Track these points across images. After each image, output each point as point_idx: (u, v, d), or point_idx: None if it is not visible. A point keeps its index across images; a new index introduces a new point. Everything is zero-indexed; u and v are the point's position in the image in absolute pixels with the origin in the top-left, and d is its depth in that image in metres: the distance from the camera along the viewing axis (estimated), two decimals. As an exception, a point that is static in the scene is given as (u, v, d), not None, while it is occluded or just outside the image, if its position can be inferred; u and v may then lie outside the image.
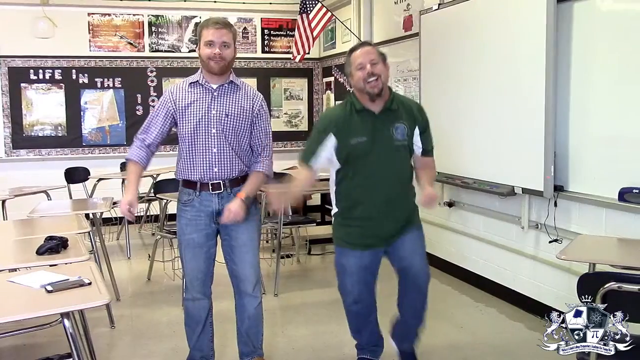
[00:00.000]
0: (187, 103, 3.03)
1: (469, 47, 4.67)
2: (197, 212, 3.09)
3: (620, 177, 3.38)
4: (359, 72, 2.92)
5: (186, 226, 3.11)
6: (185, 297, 3.23)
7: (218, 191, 3.06)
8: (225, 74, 3.05)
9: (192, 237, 3.10)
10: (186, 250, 3.14)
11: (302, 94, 8.53)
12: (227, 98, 3.06)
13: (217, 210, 3.06)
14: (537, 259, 4.20)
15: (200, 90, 3.05)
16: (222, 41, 2.97)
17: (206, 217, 3.09)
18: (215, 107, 3.03)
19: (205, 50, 2.98)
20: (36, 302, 2.16)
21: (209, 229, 3.10)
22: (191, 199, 3.10)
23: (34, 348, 3.54)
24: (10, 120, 7.43)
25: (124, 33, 7.77)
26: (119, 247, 6.50)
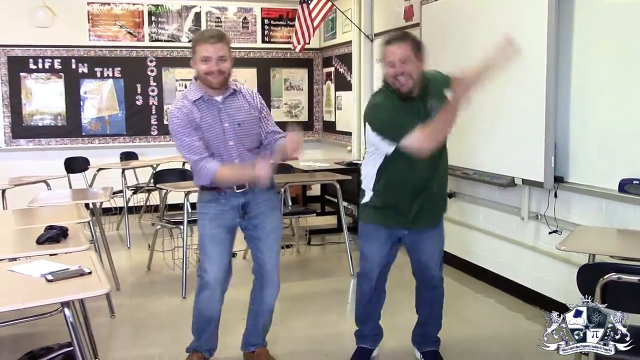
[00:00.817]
0: (199, 122, 2.97)
1: (469, 37, 4.65)
2: (222, 207, 3.07)
3: (620, 168, 3.38)
4: (389, 68, 2.89)
5: (211, 221, 3.09)
6: (203, 295, 3.14)
7: (242, 189, 3.07)
8: (224, 84, 3.02)
9: (217, 232, 3.08)
10: (210, 246, 3.10)
11: (303, 84, 8.51)
12: (234, 108, 3.04)
13: (243, 203, 3.08)
14: (536, 249, 4.20)
15: (206, 106, 3.00)
16: (218, 56, 2.92)
17: (231, 210, 3.08)
18: (226, 119, 3.00)
19: (202, 67, 2.93)
20: (36, 291, 2.16)
21: (233, 223, 3.11)
22: (215, 197, 3.07)
23: (35, 337, 3.55)
24: (10, 110, 7.42)
25: (124, 22, 7.74)
26: (119, 237, 6.51)
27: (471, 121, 4.63)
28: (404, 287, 3.86)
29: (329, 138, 8.33)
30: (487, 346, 3.62)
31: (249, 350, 3.34)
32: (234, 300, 3.30)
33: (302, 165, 6.26)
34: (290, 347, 3.61)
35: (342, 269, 5.16)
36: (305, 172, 5.96)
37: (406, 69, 2.85)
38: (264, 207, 3.15)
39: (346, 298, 4.64)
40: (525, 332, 3.84)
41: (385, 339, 3.43)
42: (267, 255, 3.19)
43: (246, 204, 3.09)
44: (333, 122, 8.12)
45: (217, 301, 3.16)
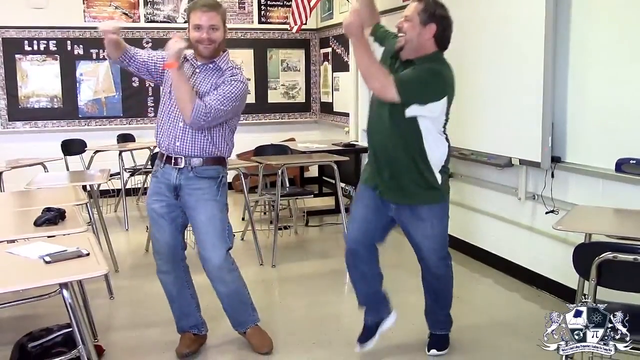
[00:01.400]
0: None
1: (467, 17, 4.62)
2: (159, 183, 3.11)
3: (617, 147, 3.38)
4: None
5: (150, 196, 3.15)
6: (156, 271, 3.26)
7: (178, 166, 3.04)
8: (215, 57, 3.03)
9: (154, 208, 3.12)
10: (150, 221, 3.18)
11: (300, 65, 8.47)
12: (205, 77, 3.04)
13: (176, 185, 3.06)
14: (533, 229, 4.22)
15: (186, 64, 3.05)
16: (210, 24, 2.94)
17: (167, 188, 3.09)
18: (192, 82, 3.01)
19: (194, 34, 2.97)
20: (35, 272, 2.17)
21: (171, 200, 3.09)
22: (157, 170, 3.14)
23: (34, 319, 3.57)
24: (6, 92, 7.39)
25: (119, 3, 7.68)
26: (117, 219, 6.52)
27: (468, 101, 4.62)
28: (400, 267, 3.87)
29: (326, 119, 8.31)
30: (484, 326, 3.65)
31: (239, 330, 3.35)
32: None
33: (300, 147, 6.25)
34: (289, 327, 3.63)
35: (340, 250, 5.16)
36: (303, 154, 5.95)
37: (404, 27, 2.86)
38: (195, 199, 3.06)
39: (344, 279, 4.65)
40: (522, 312, 3.87)
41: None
42: (204, 247, 3.09)
43: (178, 187, 3.05)
44: (330, 103, 8.09)
45: (168, 277, 3.21)
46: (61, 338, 3.00)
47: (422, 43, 2.83)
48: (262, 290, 4.30)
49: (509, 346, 3.36)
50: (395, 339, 3.40)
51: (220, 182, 3.11)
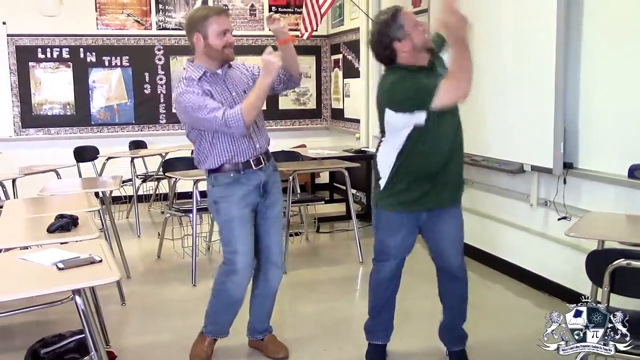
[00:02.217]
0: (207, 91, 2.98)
1: (478, 23, 4.61)
2: (246, 187, 3.06)
3: (630, 153, 3.36)
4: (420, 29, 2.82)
5: (238, 202, 3.05)
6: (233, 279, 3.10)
7: (260, 166, 3.08)
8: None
9: (245, 212, 3.07)
10: (241, 227, 3.06)
11: (310, 71, 8.49)
12: (236, 78, 3.07)
13: (264, 182, 3.10)
14: (545, 236, 4.20)
15: (212, 79, 3.01)
16: (231, 27, 3.01)
17: (254, 190, 3.08)
18: (232, 89, 3.02)
19: (219, 41, 2.94)
20: (48, 279, 2.18)
21: (255, 203, 3.12)
22: (237, 178, 3.05)
23: (46, 325, 3.58)
24: (19, 100, 7.45)
25: (131, 11, 7.74)
26: (129, 225, 6.54)
27: (480, 108, 4.61)
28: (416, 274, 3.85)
29: (337, 125, 8.32)
30: (495, 332, 3.63)
31: (256, 338, 3.36)
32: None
33: (311, 153, 6.26)
34: (299, 333, 3.63)
35: (351, 257, 5.17)
36: (314, 160, 5.96)
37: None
38: (277, 189, 3.20)
39: (355, 285, 4.65)
40: (533, 318, 3.84)
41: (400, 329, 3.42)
42: (274, 237, 3.20)
43: (266, 183, 3.11)
44: (341, 109, 8.10)
45: (245, 285, 3.15)
46: (74, 344, 3.01)
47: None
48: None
49: (519, 352, 3.34)
50: (406, 345, 3.39)
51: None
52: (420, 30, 2.81)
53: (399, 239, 3.00)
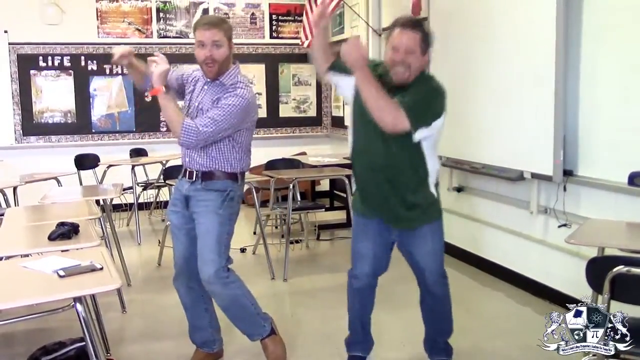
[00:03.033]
0: (190, 89, 3.17)
1: (477, 31, 4.64)
2: (175, 194, 3.21)
3: (630, 160, 3.36)
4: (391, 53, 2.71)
5: (169, 206, 3.23)
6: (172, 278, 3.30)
7: (190, 179, 3.10)
8: (221, 75, 3.03)
9: (171, 218, 3.20)
10: (172, 231, 3.24)
11: (311, 79, 8.51)
12: (209, 93, 3.05)
13: (185, 195, 3.12)
14: (545, 243, 4.20)
15: (199, 81, 3.13)
16: (212, 41, 2.94)
17: (180, 200, 3.15)
18: (197, 99, 3.08)
19: (198, 52, 2.98)
20: (49, 287, 2.18)
21: (185, 211, 3.14)
22: (177, 181, 3.24)
23: (47, 332, 3.58)
24: (20, 108, 7.47)
25: (132, 19, 7.77)
26: (129, 233, 6.55)
27: (480, 115, 4.63)
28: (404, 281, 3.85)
29: (337, 133, 8.33)
30: (495, 340, 3.62)
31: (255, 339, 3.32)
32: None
33: (311, 161, 6.27)
34: (300, 341, 3.63)
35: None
36: (314, 167, 5.97)
37: (408, 58, 2.67)
38: (200, 208, 3.07)
39: (355, 292, 4.65)
40: (533, 326, 3.83)
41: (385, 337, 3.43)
42: (199, 258, 3.07)
43: (188, 197, 3.12)
44: (341, 117, 8.11)
45: (183, 289, 3.23)
46: (74, 352, 3.01)
47: (418, 69, 2.75)
48: (274, 304, 4.30)
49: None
50: (395, 353, 3.39)
51: (227, 196, 3.09)
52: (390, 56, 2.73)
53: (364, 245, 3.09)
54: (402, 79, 2.71)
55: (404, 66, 2.69)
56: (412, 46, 2.68)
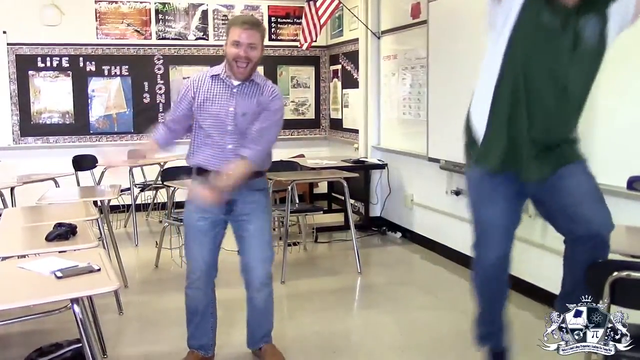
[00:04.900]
0: (205, 97, 3.01)
1: (477, 34, 4.64)
2: None
3: (628, 165, 3.37)
4: None
5: (194, 213, 3.10)
6: (186, 286, 3.22)
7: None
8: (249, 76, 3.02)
9: (199, 225, 3.09)
10: (191, 237, 3.14)
11: (309, 82, 8.51)
12: (247, 97, 3.02)
13: (228, 200, 3.03)
14: (544, 247, 4.19)
15: (220, 85, 3.02)
16: (248, 42, 2.92)
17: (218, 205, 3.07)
18: (233, 104, 3.00)
19: (232, 50, 2.93)
20: (46, 288, 2.17)
21: (217, 218, 3.09)
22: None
23: (43, 334, 3.56)
24: (18, 108, 7.45)
25: (131, 21, 7.76)
26: (127, 234, 6.53)
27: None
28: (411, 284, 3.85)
29: (335, 136, 8.33)
30: (494, 344, 3.61)
31: (255, 348, 3.36)
32: (242, 299, 3.30)
33: (309, 163, 6.26)
34: (298, 343, 3.61)
35: (349, 267, 5.16)
36: (312, 170, 5.96)
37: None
38: (251, 209, 3.10)
39: (353, 295, 4.64)
40: (533, 330, 3.82)
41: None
42: (251, 258, 3.13)
43: (233, 201, 3.05)
44: (340, 119, 8.11)
45: (199, 294, 3.18)
46: (71, 354, 3.01)
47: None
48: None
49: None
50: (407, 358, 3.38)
51: (267, 193, 3.22)
52: None
53: (495, 212, 2.66)
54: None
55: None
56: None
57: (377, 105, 6.82)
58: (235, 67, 2.95)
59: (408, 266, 5.03)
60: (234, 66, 2.96)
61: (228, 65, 3.00)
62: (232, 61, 2.94)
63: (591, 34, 2.34)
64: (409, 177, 6.16)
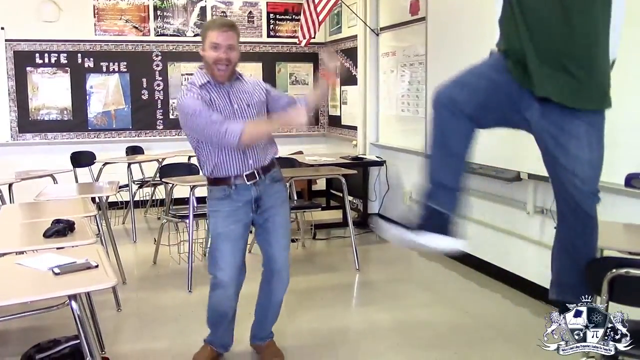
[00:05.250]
0: (209, 103, 2.99)
1: (475, 31, 4.64)
2: (235, 204, 3.06)
3: (626, 162, 3.36)
4: None
5: (225, 219, 3.06)
6: (217, 293, 3.15)
7: (253, 180, 3.05)
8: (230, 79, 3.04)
9: (232, 229, 3.07)
10: (225, 243, 3.08)
11: (308, 78, 8.50)
12: (241, 90, 3.06)
13: (256, 197, 3.06)
14: (542, 244, 4.20)
15: (215, 89, 3.01)
16: (227, 44, 2.93)
17: (245, 206, 3.07)
18: (235, 101, 3.02)
19: (211, 53, 2.94)
20: (44, 284, 2.17)
21: (247, 219, 3.09)
22: (228, 194, 3.06)
23: (41, 330, 3.56)
24: (16, 105, 7.44)
25: (129, 17, 7.75)
26: (125, 231, 6.53)
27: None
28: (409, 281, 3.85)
29: (334, 132, 8.32)
30: (492, 341, 3.62)
31: (257, 343, 3.37)
32: (241, 294, 3.30)
33: (308, 160, 6.26)
34: (297, 340, 3.62)
35: (347, 264, 5.16)
36: (311, 167, 5.96)
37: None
38: (275, 200, 3.15)
39: (351, 292, 4.64)
40: (531, 327, 3.83)
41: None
42: (277, 249, 3.18)
43: (259, 198, 3.08)
44: (338, 116, 8.11)
45: (231, 299, 3.16)
46: (69, 350, 3.00)
47: None
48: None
49: (518, 362, 3.33)
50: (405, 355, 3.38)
51: (285, 183, 3.32)
52: None
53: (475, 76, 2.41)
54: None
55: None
56: None
57: (375, 102, 6.81)
58: (215, 70, 2.96)
59: (406, 263, 5.03)
60: (214, 69, 2.96)
61: (209, 70, 3.00)
62: (213, 64, 2.95)
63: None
64: (408, 173, 6.16)
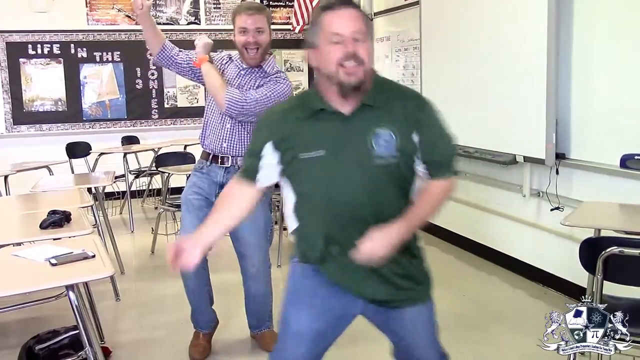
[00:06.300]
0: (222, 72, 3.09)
1: (470, 15, 4.63)
2: (202, 178, 3.11)
3: (621, 143, 3.37)
4: (334, 48, 1.79)
5: (189, 187, 3.14)
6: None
7: (225, 165, 3.07)
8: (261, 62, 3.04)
9: (190, 199, 3.11)
10: (185, 213, 3.13)
11: (303, 65, 8.47)
12: (251, 80, 3.04)
13: (221, 182, 3.05)
14: (538, 226, 4.21)
15: (231, 66, 3.07)
16: (255, 27, 2.96)
17: (211, 185, 3.09)
18: (237, 85, 3.02)
19: (240, 38, 2.97)
20: (41, 275, 2.17)
21: (212, 197, 3.08)
22: (202, 166, 3.13)
23: (40, 321, 3.57)
24: (10, 96, 7.40)
25: (122, 6, 7.69)
26: (122, 221, 6.53)
27: (472, 100, 4.62)
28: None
29: (330, 119, 8.30)
30: (490, 323, 3.64)
31: (253, 332, 3.39)
32: (237, 283, 3.31)
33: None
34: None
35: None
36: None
37: (361, 49, 1.79)
38: None
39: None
40: (528, 309, 3.86)
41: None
42: (244, 246, 3.12)
43: (224, 185, 3.02)
44: (334, 102, 8.08)
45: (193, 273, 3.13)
46: (68, 340, 3.02)
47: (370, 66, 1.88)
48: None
49: (514, 343, 3.35)
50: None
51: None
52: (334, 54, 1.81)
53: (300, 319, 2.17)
54: (358, 77, 1.81)
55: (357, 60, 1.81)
56: (360, 26, 1.81)
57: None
58: (246, 54, 2.99)
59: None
60: (244, 53, 2.99)
61: (241, 56, 3.05)
62: (242, 48, 2.98)
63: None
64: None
